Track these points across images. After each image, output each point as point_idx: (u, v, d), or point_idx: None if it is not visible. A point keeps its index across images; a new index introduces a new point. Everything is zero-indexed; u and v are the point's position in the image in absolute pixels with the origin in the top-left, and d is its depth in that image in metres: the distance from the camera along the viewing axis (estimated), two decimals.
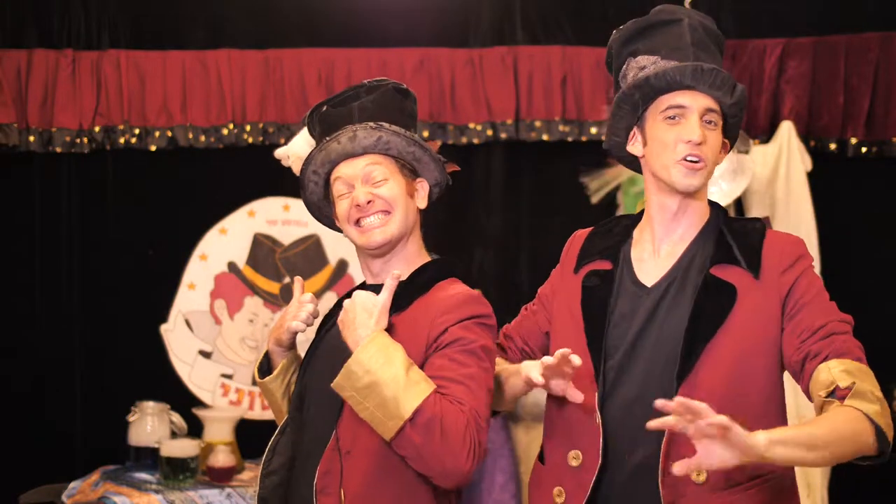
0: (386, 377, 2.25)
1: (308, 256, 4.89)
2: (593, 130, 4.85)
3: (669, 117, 2.34)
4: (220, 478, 4.31)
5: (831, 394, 2.14)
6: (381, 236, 2.47)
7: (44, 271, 4.68)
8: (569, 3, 4.90)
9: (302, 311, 2.53)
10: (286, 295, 4.81)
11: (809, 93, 4.84)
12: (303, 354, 2.63)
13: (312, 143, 2.63)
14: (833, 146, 4.81)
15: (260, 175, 4.74)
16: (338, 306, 2.59)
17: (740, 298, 2.28)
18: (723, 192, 4.47)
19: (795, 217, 4.62)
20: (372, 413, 2.27)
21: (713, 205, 2.46)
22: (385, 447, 2.33)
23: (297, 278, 2.64)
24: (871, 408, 2.10)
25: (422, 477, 2.34)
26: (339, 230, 2.59)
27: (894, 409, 4.49)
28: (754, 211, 4.68)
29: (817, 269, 4.59)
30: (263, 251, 4.87)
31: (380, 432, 2.29)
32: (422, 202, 2.56)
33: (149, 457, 4.44)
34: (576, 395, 2.31)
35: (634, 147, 2.43)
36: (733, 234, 2.37)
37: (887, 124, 4.70)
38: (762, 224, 2.41)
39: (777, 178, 4.64)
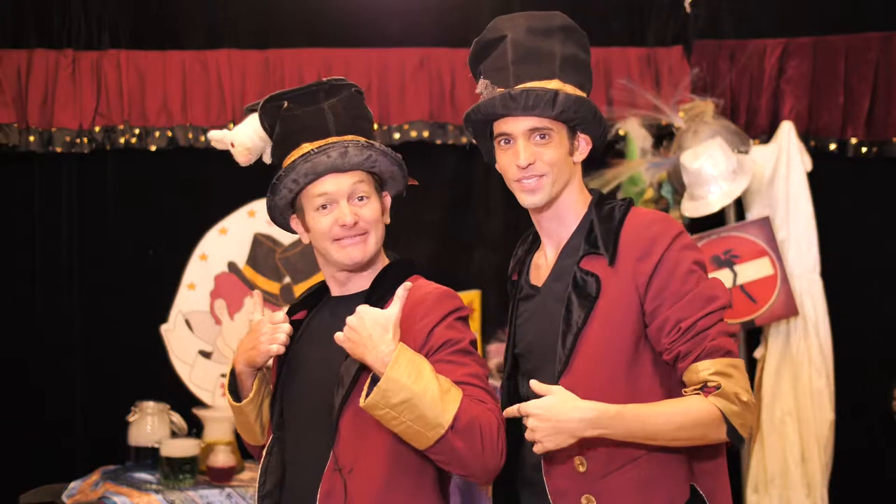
0: (420, 390, 2.24)
1: (308, 257, 4.88)
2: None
3: (503, 142, 2.44)
4: (220, 478, 4.31)
5: (699, 391, 2.28)
6: (360, 255, 2.48)
7: (44, 271, 4.68)
8: (568, 3, 4.88)
9: (279, 333, 2.50)
10: (286, 295, 4.81)
11: (809, 93, 4.84)
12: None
13: (262, 134, 2.60)
14: (833, 146, 4.80)
15: (260, 175, 4.72)
16: (292, 323, 2.56)
17: (603, 287, 2.36)
18: (723, 192, 4.47)
19: (795, 217, 4.62)
20: (408, 426, 2.26)
21: (594, 193, 2.53)
22: (396, 458, 2.35)
23: (257, 293, 2.62)
24: (730, 408, 2.25)
25: (427, 484, 2.38)
26: (293, 231, 2.58)
27: (894, 409, 4.51)
28: (754, 211, 4.67)
29: (817, 270, 4.60)
30: (263, 251, 4.88)
31: (414, 443, 2.29)
32: (387, 217, 2.58)
33: (149, 457, 4.44)
34: None
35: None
36: (600, 221, 2.43)
37: (887, 124, 4.70)
38: (627, 205, 2.45)
39: (777, 178, 4.64)
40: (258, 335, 2.52)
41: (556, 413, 2.21)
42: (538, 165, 2.40)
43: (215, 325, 4.82)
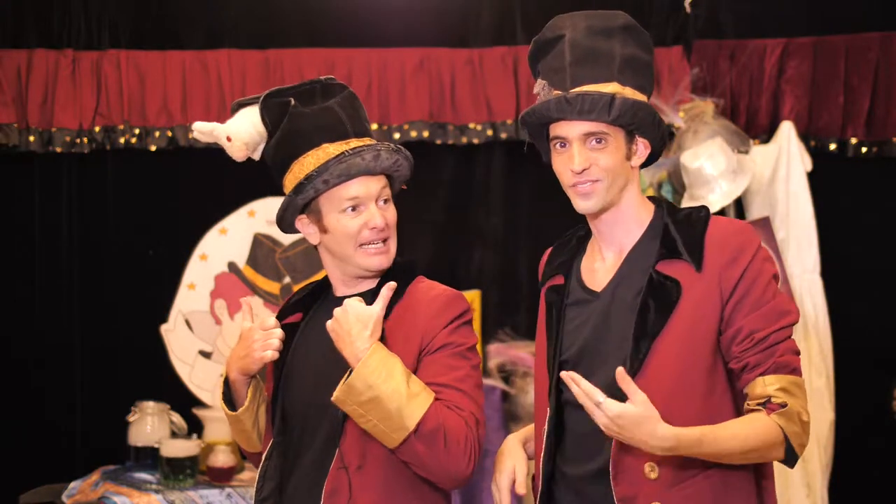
0: (388, 391, 2.26)
1: (308, 256, 4.88)
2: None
3: (558, 146, 2.40)
4: (220, 478, 4.31)
5: (762, 404, 2.27)
6: (386, 262, 2.49)
7: (44, 271, 4.68)
8: (569, 3, 4.88)
9: (273, 339, 2.49)
10: (286, 295, 4.80)
11: (809, 93, 4.84)
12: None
13: (261, 129, 2.56)
14: (833, 146, 4.80)
15: (260, 175, 4.71)
16: (286, 326, 2.56)
17: (685, 292, 2.32)
18: (723, 192, 4.47)
19: (795, 217, 4.62)
20: (375, 425, 2.29)
21: (657, 201, 2.50)
22: (394, 459, 2.36)
23: (246, 300, 2.59)
24: (792, 428, 2.26)
25: (429, 483, 2.38)
26: (295, 231, 2.56)
27: (894, 409, 4.51)
28: (754, 211, 4.68)
29: (817, 270, 4.61)
30: (263, 251, 4.87)
31: (383, 442, 2.32)
32: None
33: (149, 457, 4.44)
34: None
35: None
36: (678, 226, 2.40)
37: (887, 124, 4.69)
38: (706, 213, 2.42)
39: (777, 178, 4.63)
40: (250, 342, 2.50)
41: (631, 429, 2.16)
42: (593, 170, 2.35)
43: (215, 325, 4.82)
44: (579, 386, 2.17)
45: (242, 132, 2.58)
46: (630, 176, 2.41)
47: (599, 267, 2.46)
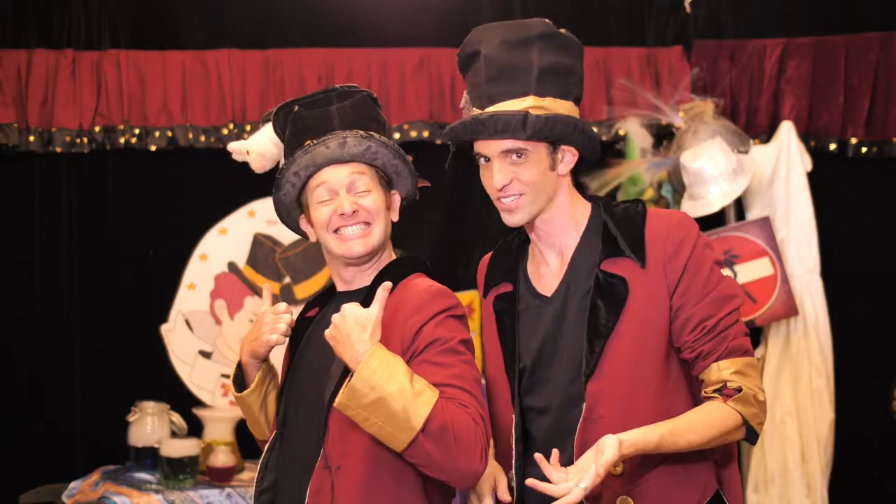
0: (392, 391, 2.22)
1: (308, 256, 4.88)
2: (593, 130, 4.85)
3: (482, 160, 2.42)
4: (220, 478, 4.31)
5: (718, 390, 2.34)
6: (362, 247, 2.46)
7: (44, 271, 4.68)
8: (569, 3, 4.90)
9: (280, 323, 2.50)
10: (286, 295, 4.80)
11: (809, 93, 4.84)
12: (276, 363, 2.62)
13: (276, 141, 2.60)
14: (833, 146, 4.80)
15: (260, 175, 4.72)
16: (304, 319, 2.58)
17: (632, 288, 2.36)
18: (723, 191, 4.47)
19: (795, 217, 4.62)
20: (381, 427, 2.24)
21: (594, 199, 2.51)
22: (376, 458, 2.34)
23: (266, 286, 2.61)
24: (749, 410, 2.33)
25: (410, 485, 2.36)
26: (302, 233, 2.58)
27: (893, 409, 4.51)
28: (754, 211, 4.67)
29: (817, 270, 4.61)
30: (263, 251, 4.87)
31: (390, 445, 2.27)
32: (395, 215, 2.56)
33: (149, 457, 4.44)
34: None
35: None
36: (616, 223, 2.42)
37: (887, 124, 4.70)
38: (643, 207, 2.45)
39: (777, 178, 4.63)
40: (261, 326, 2.53)
41: (595, 468, 2.21)
42: (514, 185, 2.38)
43: (215, 325, 4.82)
44: (545, 490, 2.21)
45: (259, 145, 2.64)
46: (557, 184, 2.43)
47: (546, 271, 2.48)
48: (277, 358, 2.60)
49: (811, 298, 4.60)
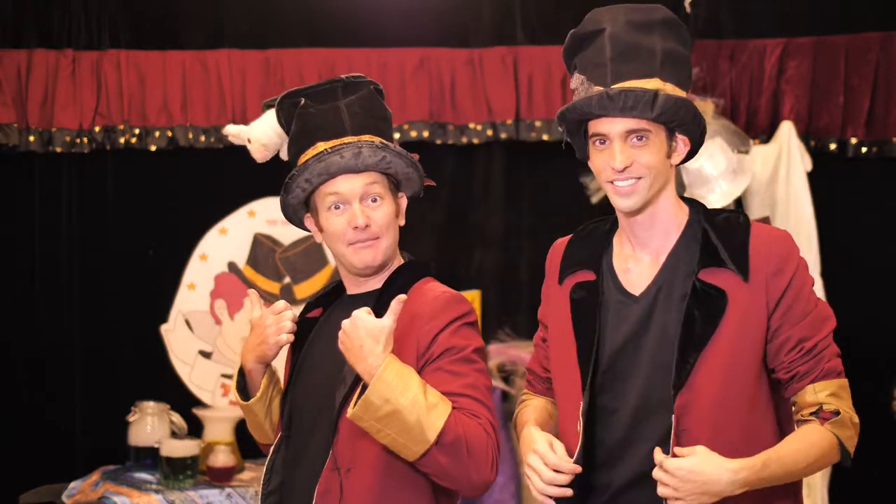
0: (406, 403, 2.21)
1: (308, 256, 4.89)
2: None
3: (598, 143, 2.34)
4: (220, 478, 4.31)
5: (815, 413, 2.28)
6: (371, 260, 2.46)
7: (44, 271, 4.68)
8: (569, 3, 4.90)
9: (285, 322, 2.49)
10: (286, 295, 4.80)
11: (809, 93, 4.84)
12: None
13: (279, 130, 2.58)
14: (833, 146, 4.80)
15: (260, 175, 4.69)
16: (306, 320, 2.57)
17: (731, 302, 2.29)
18: (723, 191, 4.47)
19: (795, 217, 4.62)
20: (394, 439, 2.24)
21: (691, 202, 2.46)
22: (387, 461, 2.33)
23: (252, 291, 2.60)
24: (845, 433, 2.28)
25: (421, 490, 2.36)
26: (306, 229, 2.57)
27: (894, 410, 4.51)
28: (754, 211, 4.68)
29: (817, 270, 4.61)
30: (263, 251, 4.88)
31: (402, 455, 2.27)
32: (402, 219, 2.55)
33: (149, 457, 4.45)
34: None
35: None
36: (717, 232, 2.36)
37: (887, 124, 4.70)
38: (745, 219, 2.39)
39: (777, 178, 4.64)
40: (263, 329, 2.51)
41: (703, 475, 2.13)
42: (634, 168, 2.30)
43: (215, 325, 4.82)
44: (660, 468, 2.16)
45: (261, 134, 2.61)
46: (670, 174, 2.38)
47: (634, 268, 2.40)
48: (277, 360, 2.60)
49: None
